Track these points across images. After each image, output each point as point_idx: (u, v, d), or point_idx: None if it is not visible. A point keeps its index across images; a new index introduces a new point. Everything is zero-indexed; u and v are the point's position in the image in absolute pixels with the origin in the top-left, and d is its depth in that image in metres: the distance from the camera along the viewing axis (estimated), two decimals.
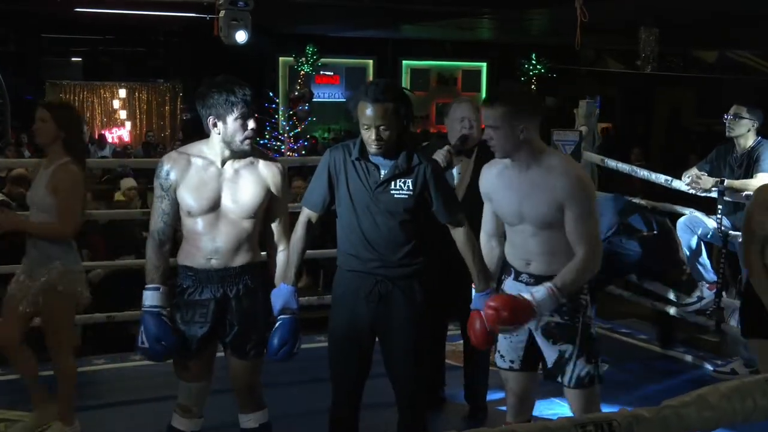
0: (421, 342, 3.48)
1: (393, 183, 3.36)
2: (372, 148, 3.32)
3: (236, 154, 3.29)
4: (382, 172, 3.37)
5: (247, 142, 3.24)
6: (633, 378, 5.25)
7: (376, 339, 3.52)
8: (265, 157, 3.40)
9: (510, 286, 3.39)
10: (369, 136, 3.30)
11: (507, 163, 3.31)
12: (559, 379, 3.35)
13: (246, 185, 3.29)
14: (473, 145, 4.38)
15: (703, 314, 5.51)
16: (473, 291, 3.49)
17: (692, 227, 5.29)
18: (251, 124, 3.23)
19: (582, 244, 3.20)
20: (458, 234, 3.46)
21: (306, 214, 3.50)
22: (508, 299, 3.21)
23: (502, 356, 3.45)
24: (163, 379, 4.59)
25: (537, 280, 3.28)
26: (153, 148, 16.21)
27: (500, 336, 3.40)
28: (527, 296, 3.19)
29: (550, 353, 3.34)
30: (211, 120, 3.23)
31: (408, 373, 3.47)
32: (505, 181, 3.31)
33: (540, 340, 3.35)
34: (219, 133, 3.23)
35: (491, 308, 3.18)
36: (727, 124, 5.19)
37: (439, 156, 4.24)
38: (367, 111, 3.28)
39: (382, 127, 3.28)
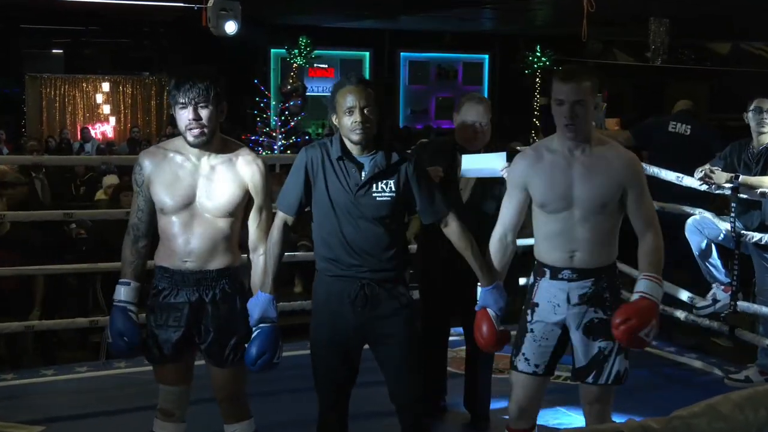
0: (414, 345, 3.49)
1: (375, 185, 3.35)
2: (355, 134, 3.30)
3: (210, 148, 3.27)
4: (364, 173, 3.36)
5: (190, 133, 3.21)
6: (642, 386, 5.24)
7: (364, 345, 3.51)
8: (247, 153, 3.37)
9: (547, 287, 3.39)
10: (353, 120, 3.29)
11: (544, 149, 3.38)
12: (590, 379, 3.37)
13: (221, 182, 3.29)
14: (480, 147, 4.37)
15: (717, 318, 5.51)
16: (478, 287, 3.48)
17: (700, 229, 5.30)
18: (189, 114, 3.18)
19: (652, 223, 3.36)
20: (450, 231, 3.46)
21: (281, 216, 3.46)
22: (627, 307, 3.24)
23: (527, 359, 3.41)
24: (145, 387, 4.59)
25: (580, 274, 3.32)
26: (138, 145, 16.18)
27: (528, 339, 3.40)
28: (635, 295, 3.26)
29: (585, 351, 3.35)
30: (173, 111, 3.27)
31: (405, 378, 3.47)
32: (547, 166, 3.35)
33: (578, 339, 3.36)
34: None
35: (620, 324, 3.20)
36: (761, 120, 5.16)
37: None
38: (351, 95, 3.30)
39: (366, 110, 3.29)
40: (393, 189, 3.36)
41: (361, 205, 3.34)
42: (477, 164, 4.22)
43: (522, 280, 4.50)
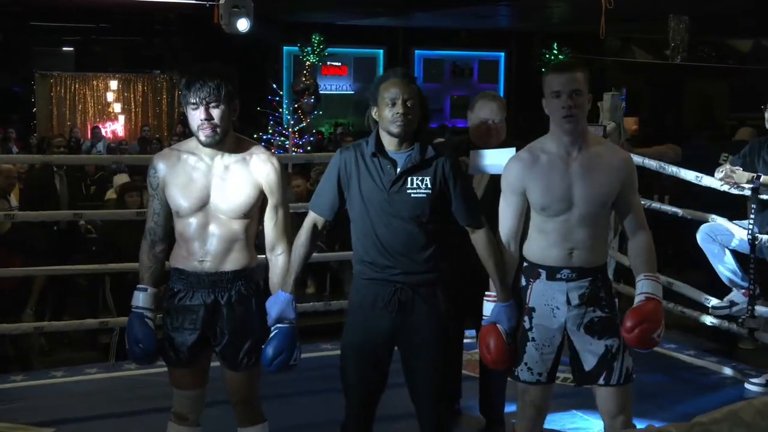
0: (444, 354, 3.46)
1: (410, 181, 3.31)
2: (395, 125, 3.27)
3: (223, 148, 3.27)
4: (398, 170, 3.32)
5: (203, 133, 3.20)
6: (661, 390, 5.23)
7: (393, 350, 3.49)
8: (261, 152, 3.36)
9: (543, 289, 3.36)
10: (395, 112, 3.26)
11: (539, 151, 3.36)
12: (601, 380, 3.35)
13: (236, 183, 3.28)
14: (495, 145, 4.36)
15: (735, 322, 5.49)
16: (486, 301, 3.46)
17: (713, 236, 5.27)
18: (201, 113, 3.18)
19: (644, 223, 3.40)
20: (479, 237, 3.41)
21: (312, 218, 3.45)
22: (637, 311, 3.26)
23: (529, 369, 3.40)
24: (156, 389, 4.62)
25: (579, 273, 3.31)
26: (149, 143, 16.22)
27: (529, 348, 3.38)
28: (640, 297, 3.28)
29: (592, 352, 3.34)
30: (185, 111, 3.27)
31: (431, 387, 3.43)
32: (544, 169, 3.32)
33: (580, 340, 3.35)
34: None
35: (633, 328, 3.23)
36: None
37: None
38: (395, 87, 3.29)
39: (409, 102, 3.27)
40: (429, 186, 3.32)
41: (394, 202, 3.30)
42: (485, 160, 4.21)
43: None
